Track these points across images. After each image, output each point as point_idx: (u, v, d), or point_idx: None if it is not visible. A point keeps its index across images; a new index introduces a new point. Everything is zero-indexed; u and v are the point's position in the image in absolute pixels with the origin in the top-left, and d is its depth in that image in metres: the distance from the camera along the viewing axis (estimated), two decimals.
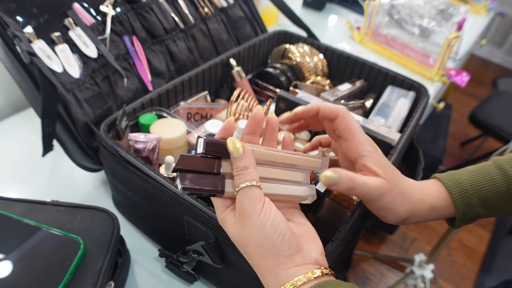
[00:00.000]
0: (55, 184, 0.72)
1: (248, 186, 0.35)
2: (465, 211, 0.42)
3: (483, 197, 0.41)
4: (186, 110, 0.72)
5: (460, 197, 0.41)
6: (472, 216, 0.42)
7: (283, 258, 0.34)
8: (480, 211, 0.42)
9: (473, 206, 0.41)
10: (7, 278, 0.45)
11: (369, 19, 1.26)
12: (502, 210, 0.42)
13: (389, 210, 0.41)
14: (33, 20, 0.61)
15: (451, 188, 0.42)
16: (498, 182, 0.41)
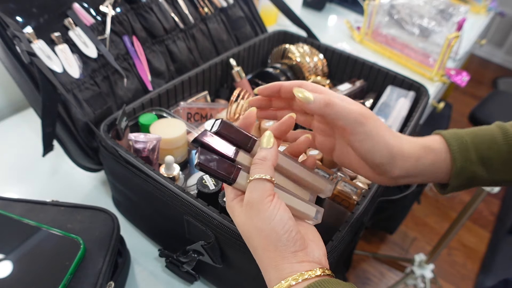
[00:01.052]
0: (55, 184, 0.72)
1: (262, 179, 0.35)
2: (462, 166, 0.39)
3: (483, 154, 0.39)
4: (186, 110, 0.72)
5: (459, 150, 0.39)
6: (469, 176, 0.39)
7: (287, 253, 0.34)
8: (478, 170, 0.39)
9: (471, 162, 0.39)
10: (7, 278, 0.45)
11: (369, 19, 1.26)
12: (501, 174, 0.40)
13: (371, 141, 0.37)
14: (33, 20, 0.61)
15: (450, 140, 0.39)
16: (499, 142, 0.39)
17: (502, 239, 1.83)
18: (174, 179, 0.59)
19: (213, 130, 0.38)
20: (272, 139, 0.37)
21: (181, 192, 0.49)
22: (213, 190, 0.49)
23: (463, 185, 0.41)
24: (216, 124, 0.38)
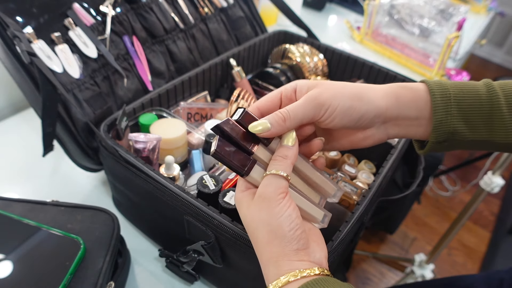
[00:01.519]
0: (55, 184, 0.72)
1: (279, 175, 0.36)
2: (443, 119, 0.38)
3: (464, 109, 0.38)
4: (186, 110, 0.72)
5: (441, 99, 0.38)
6: (450, 131, 0.38)
7: (289, 250, 0.35)
8: (458, 125, 0.38)
9: (452, 116, 0.38)
10: (7, 278, 0.45)
11: (369, 19, 1.26)
12: (482, 133, 0.38)
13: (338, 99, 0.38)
14: (33, 20, 0.61)
15: (434, 90, 0.38)
16: (482, 98, 0.38)
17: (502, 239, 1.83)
18: (174, 179, 0.59)
19: (234, 118, 0.38)
20: (295, 138, 0.38)
21: (181, 192, 0.49)
22: (213, 190, 0.49)
23: (442, 143, 0.39)
24: (238, 112, 0.38)
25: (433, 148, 0.40)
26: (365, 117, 0.39)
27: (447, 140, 0.39)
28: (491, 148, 0.40)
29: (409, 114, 0.40)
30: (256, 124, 0.37)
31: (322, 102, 0.37)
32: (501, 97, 0.37)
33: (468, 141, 0.39)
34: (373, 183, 0.54)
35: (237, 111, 0.38)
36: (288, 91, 0.41)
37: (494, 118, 0.38)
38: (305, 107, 0.37)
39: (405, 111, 0.39)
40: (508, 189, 2.05)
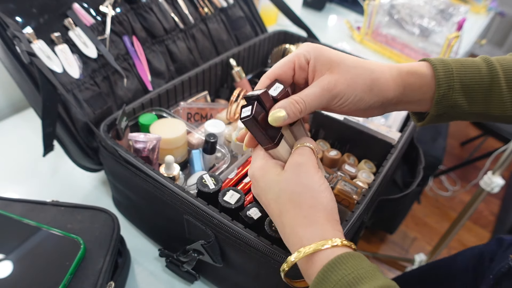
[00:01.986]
0: (55, 184, 0.72)
1: (311, 147, 0.38)
2: (445, 93, 0.39)
3: (465, 83, 0.39)
4: (186, 110, 0.72)
5: (444, 76, 0.39)
6: (450, 105, 0.40)
7: (333, 219, 0.35)
8: (459, 99, 0.39)
9: (453, 90, 0.39)
10: (7, 278, 0.45)
11: (369, 19, 1.26)
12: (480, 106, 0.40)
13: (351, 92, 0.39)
14: (33, 20, 0.61)
15: (437, 66, 0.40)
16: (483, 73, 0.39)
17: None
18: (174, 178, 0.59)
19: (271, 94, 0.38)
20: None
21: (181, 192, 0.49)
22: (213, 190, 0.49)
23: (441, 115, 0.41)
24: (277, 88, 0.39)
25: (432, 121, 0.42)
26: (372, 106, 0.40)
27: (446, 112, 0.41)
28: (485, 119, 0.42)
29: (412, 99, 0.41)
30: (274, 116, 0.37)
31: (336, 94, 0.38)
32: (500, 72, 0.39)
33: (465, 113, 0.41)
34: (373, 183, 0.54)
35: (276, 86, 0.39)
36: (302, 61, 0.40)
37: (493, 92, 0.39)
38: (321, 100, 0.38)
39: (410, 97, 0.41)
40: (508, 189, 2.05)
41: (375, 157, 0.69)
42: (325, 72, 0.39)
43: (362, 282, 0.30)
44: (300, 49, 0.40)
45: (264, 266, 0.45)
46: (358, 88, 0.38)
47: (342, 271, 0.31)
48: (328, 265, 0.31)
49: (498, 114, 0.40)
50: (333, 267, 0.31)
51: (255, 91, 0.38)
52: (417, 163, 0.70)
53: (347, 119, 0.68)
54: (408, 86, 0.40)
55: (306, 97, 0.38)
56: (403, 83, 0.40)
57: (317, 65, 0.39)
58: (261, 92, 0.37)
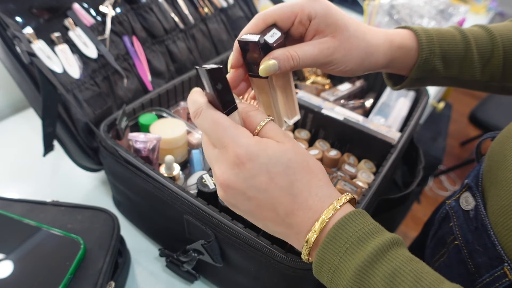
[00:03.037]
0: (55, 184, 0.72)
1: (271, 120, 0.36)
2: (427, 57, 0.42)
3: (444, 48, 0.43)
4: (186, 110, 0.72)
5: (426, 41, 0.42)
6: (429, 69, 0.43)
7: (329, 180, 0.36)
8: (438, 63, 0.43)
9: (434, 55, 0.43)
10: (7, 278, 0.45)
11: (369, 19, 1.26)
12: (456, 70, 0.44)
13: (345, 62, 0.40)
14: (33, 20, 0.61)
15: (419, 32, 0.43)
16: (457, 40, 0.44)
17: None
18: (174, 178, 0.59)
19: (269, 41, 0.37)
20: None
21: (181, 192, 0.49)
22: (213, 190, 0.49)
23: (419, 79, 0.44)
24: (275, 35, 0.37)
25: (409, 84, 0.45)
26: (359, 74, 0.42)
27: (424, 76, 0.44)
28: (457, 84, 0.46)
29: (395, 67, 0.44)
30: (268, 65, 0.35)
31: (331, 60, 0.39)
32: (472, 40, 0.43)
33: (440, 77, 0.44)
34: (373, 182, 0.54)
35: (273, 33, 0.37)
36: (304, 18, 0.38)
37: (466, 58, 0.44)
38: (315, 61, 0.38)
39: (393, 66, 0.44)
40: None
41: (375, 157, 0.69)
42: (328, 35, 0.38)
43: (373, 236, 0.31)
44: (307, 2, 0.38)
45: (264, 266, 0.45)
46: (352, 60, 0.40)
47: (352, 228, 0.31)
48: (338, 224, 0.31)
49: (468, 78, 0.45)
50: (343, 225, 0.31)
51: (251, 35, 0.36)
52: (417, 163, 0.70)
53: (347, 119, 0.68)
54: (395, 59, 0.43)
55: (303, 55, 0.37)
56: (391, 56, 0.43)
57: (320, 26, 0.38)
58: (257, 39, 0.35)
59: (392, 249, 0.30)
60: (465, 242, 0.44)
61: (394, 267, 0.29)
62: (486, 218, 0.40)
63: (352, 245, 0.30)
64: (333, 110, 0.71)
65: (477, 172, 0.46)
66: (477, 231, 0.42)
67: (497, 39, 0.43)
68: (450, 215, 0.48)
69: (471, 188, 0.44)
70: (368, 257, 0.29)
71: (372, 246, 0.30)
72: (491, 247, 0.39)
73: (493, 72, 0.44)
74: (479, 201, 0.42)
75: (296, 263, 0.42)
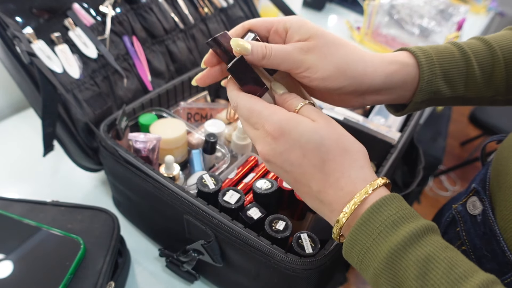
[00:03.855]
0: (55, 184, 0.72)
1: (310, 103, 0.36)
2: (429, 79, 0.39)
3: (445, 67, 0.40)
4: (186, 110, 0.72)
5: (426, 63, 0.39)
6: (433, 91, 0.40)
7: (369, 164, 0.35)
8: (441, 84, 0.40)
9: (435, 76, 0.40)
10: (7, 278, 0.45)
11: (369, 19, 1.26)
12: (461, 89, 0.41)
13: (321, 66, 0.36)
14: (33, 20, 0.61)
15: (418, 53, 0.40)
16: (457, 57, 0.41)
17: None
18: (174, 178, 0.59)
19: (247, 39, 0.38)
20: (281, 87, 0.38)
21: (181, 192, 0.49)
22: (213, 190, 0.49)
23: (424, 102, 0.41)
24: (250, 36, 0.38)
25: (413, 108, 0.42)
26: (344, 90, 0.38)
27: (428, 99, 0.41)
28: (463, 103, 0.43)
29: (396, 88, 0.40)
30: (241, 43, 0.35)
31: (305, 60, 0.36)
32: (471, 55, 0.41)
33: (445, 98, 0.41)
34: None
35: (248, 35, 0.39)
36: (280, 28, 0.38)
37: (468, 75, 0.40)
38: (288, 58, 0.36)
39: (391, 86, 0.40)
40: None
41: (375, 157, 0.69)
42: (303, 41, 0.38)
43: (408, 221, 0.30)
44: (284, 17, 0.39)
45: (264, 266, 0.45)
46: (331, 64, 0.36)
47: (387, 211, 0.31)
48: (373, 206, 0.31)
49: (473, 96, 0.42)
50: (378, 207, 0.31)
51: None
52: (417, 163, 0.70)
53: (347, 119, 0.68)
54: (391, 75, 0.39)
55: (275, 47, 0.36)
56: (385, 73, 0.39)
57: (295, 36, 0.38)
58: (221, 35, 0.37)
59: (427, 235, 0.30)
60: (473, 247, 0.43)
61: (428, 252, 0.29)
62: (495, 223, 0.40)
63: (386, 228, 0.30)
64: (333, 110, 0.71)
65: (483, 176, 0.45)
66: (485, 236, 0.41)
67: (497, 52, 0.41)
68: (457, 220, 0.47)
69: (478, 193, 0.43)
70: (402, 241, 0.29)
71: (406, 231, 0.30)
72: (500, 253, 0.38)
73: (498, 86, 0.42)
74: (487, 205, 0.41)
75: (296, 263, 0.42)
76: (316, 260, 0.42)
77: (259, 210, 0.48)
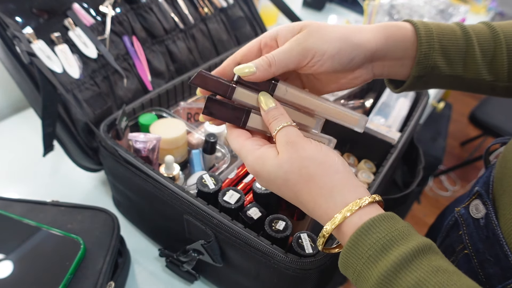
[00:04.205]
0: (55, 184, 0.72)
1: (288, 125, 0.35)
2: (426, 52, 0.39)
3: (444, 44, 0.40)
4: (186, 110, 0.72)
5: (425, 34, 0.39)
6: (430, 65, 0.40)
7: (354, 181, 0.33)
8: (439, 60, 0.40)
9: (434, 50, 0.40)
10: (7, 278, 0.45)
11: (369, 19, 1.26)
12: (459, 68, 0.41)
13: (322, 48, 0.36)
14: (33, 20, 0.61)
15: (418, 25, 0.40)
16: (458, 35, 0.41)
17: None
18: (174, 178, 0.59)
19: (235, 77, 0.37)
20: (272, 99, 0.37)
21: (181, 192, 0.49)
22: (213, 190, 0.49)
23: (421, 78, 0.41)
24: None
25: (412, 84, 0.42)
26: (356, 60, 0.38)
27: (426, 75, 0.41)
28: (462, 86, 0.43)
29: (396, 54, 0.40)
30: (243, 67, 0.35)
31: (308, 47, 0.36)
32: (473, 36, 0.41)
33: (444, 76, 0.41)
34: (373, 182, 0.54)
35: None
36: (267, 39, 0.39)
37: (468, 55, 0.41)
38: (291, 53, 0.36)
39: (393, 51, 0.40)
40: None
41: (375, 157, 0.69)
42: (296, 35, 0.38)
43: (398, 244, 0.29)
44: (268, 31, 0.39)
45: (264, 266, 0.45)
46: (333, 39, 0.36)
47: (376, 234, 0.30)
48: (361, 228, 0.30)
49: (472, 77, 0.42)
50: (366, 230, 0.30)
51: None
52: (417, 163, 0.70)
53: None
54: (391, 37, 0.39)
55: (274, 51, 0.36)
56: (385, 34, 0.39)
57: (287, 36, 0.38)
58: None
59: (417, 258, 0.29)
60: (475, 251, 0.43)
61: (418, 278, 0.28)
62: (498, 227, 0.39)
63: (375, 252, 0.30)
64: None
65: (486, 179, 0.44)
66: (488, 240, 0.40)
67: (500, 36, 0.41)
68: (460, 223, 0.46)
69: (481, 196, 0.43)
70: (391, 266, 0.29)
71: (395, 255, 0.29)
72: (504, 258, 0.38)
73: (498, 71, 0.42)
74: (490, 209, 0.41)
75: (296, 263, 0.42)
76: (316, 260, 0.42)
77: (259, 210, 0.48)
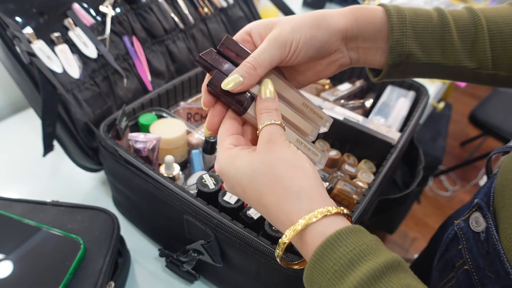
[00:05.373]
0: (55, 184, 0.72)
1: (276, 124, 0.34)
2: (398, 39, 0.38)
3: (418, 32, 0.39)
4: (186, 110, 0.72)
5: (397, 21, 0.38)
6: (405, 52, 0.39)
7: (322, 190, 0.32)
8: (413, 46, 0.39)
9: (406, 36, 0.38)
10: (7, 278, 0.45)
11: None
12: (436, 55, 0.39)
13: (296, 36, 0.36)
14: (33, 20, 0.61)
15: (391, 10, 0.39)
16: (434, 22, 0.39)
17: None
18: (174, 178, 0.59)
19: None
20: (272, 90, 0.37)
21: (181, 192, 0.49)
22: (213, 190, 0.49)
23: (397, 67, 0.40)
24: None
25: (389, 73, 0.41)
26: (329, 43, 0.38)
27: (402, 63, 0.40)
28: (443, 74, 0.41)
29: (367, 35, 0.39)
30: (228, 81, 0.35)
31: (284, 39, 0.36)
32: (451, 21, 0.39)
33: (421, 64, 0.40)
34: (373, 182, 0.54)
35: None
36: (243, 35, 0.39)
37: (445, 41, 0.39)
38: (271, 49, 0.36)
39: (363, 31, 0.39)
40: None
41: (375, 157, 0.69)
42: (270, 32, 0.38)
43: (365, 259, 0.28)
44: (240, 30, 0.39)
45: (264, 266, 0.45)
46: (303, 27, 0.37)
47: (342, 248, 0.28)
48: (326, 241, 0.29)
49: (452, 64, 0.40)
50: (332, 243, 0.29)
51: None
52: (417, 163, 0.70)
53: (347, 119, 0.68)
54: (360, 17, 0.39)
55: (255, 53, 0.36)
56: (354, 15, 0.39)
57: (261, 31, 0.38)
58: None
59: (386, 275, 0.27)
60: (476, 267, 0.41)
61: None
62: (499, 242, 0.37)
63: (341, 267, 0.28)
64: (333, 110, 0.71)
65: (488, 190, 0.42)
66: (489, 256, 0.39)
67: (482, 21, 0.39)
68: (459, 237, 0.44)
69: (481, 208, 0.41)
70: (358, 284, 0.27)
71: (363, 271, 0.27)
72: (504, 275, 0.36)
73: (481, 58, 0.40)
74: (491, 223, 0.39)
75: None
76: None
77: None
